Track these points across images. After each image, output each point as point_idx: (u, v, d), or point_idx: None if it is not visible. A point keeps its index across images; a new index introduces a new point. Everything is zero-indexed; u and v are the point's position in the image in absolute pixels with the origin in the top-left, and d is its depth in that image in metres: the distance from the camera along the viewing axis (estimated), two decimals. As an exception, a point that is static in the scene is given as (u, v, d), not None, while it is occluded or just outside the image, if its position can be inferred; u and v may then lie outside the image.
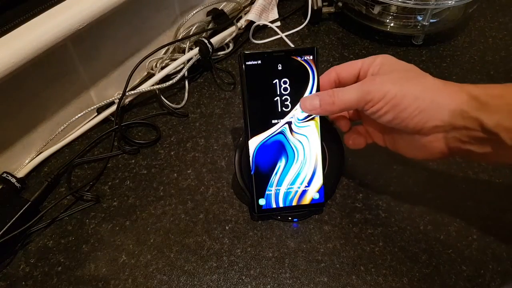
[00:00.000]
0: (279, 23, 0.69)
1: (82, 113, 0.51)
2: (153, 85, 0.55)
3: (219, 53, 0.63)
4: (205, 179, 0.47)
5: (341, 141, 0.43)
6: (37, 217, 0.43)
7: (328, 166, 0.42)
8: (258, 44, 0.65)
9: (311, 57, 0.39)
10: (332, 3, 0.68)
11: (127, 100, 0.55)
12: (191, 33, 0.60)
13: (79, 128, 0.52)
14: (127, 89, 0.52)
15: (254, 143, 0.39)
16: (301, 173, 0.40)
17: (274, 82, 0.39)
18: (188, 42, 0.60)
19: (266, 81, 0.39)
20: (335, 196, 0.45)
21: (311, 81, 0.39)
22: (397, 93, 0.33)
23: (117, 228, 0.43)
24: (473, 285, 0.38)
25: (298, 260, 0.40)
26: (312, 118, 0.40)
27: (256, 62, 0.38)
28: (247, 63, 0.38)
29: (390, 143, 0.40)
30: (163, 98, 0.55)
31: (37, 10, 0.43)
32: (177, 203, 0.45)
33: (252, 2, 0.66)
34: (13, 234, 0.41)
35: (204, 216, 0.44)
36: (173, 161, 0.49)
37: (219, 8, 0.64)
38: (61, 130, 0.50)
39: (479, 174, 0.46)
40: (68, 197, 0.45)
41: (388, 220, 0.42)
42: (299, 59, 0.39)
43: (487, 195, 0.44)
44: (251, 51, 0.38)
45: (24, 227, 0.42)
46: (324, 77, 0.39)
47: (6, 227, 0.41)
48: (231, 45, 0.64)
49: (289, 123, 0.39)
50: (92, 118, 0.53)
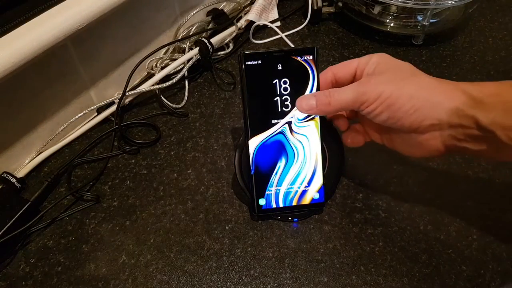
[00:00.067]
0: (279, 23, 0.69)
1: (82, 113, 0.51)
2: (153, 85, 0.55)
3: (219, 53, 0.63)
4: (205, 179, 0.47)
5: (341, 141, 0.43)
6: (37, 217, 0.43)
7: (328, 166, 0.42)
8: (258, 44, 0.65)
9: (311, 57, 0.39)
10: (332, 3, 0.68)
11: (127, 100, 0.55)
12: (191, 33, 0.60)
13: (79, 128, 0.52)
14: (127, 89, 0.52)
15: (254, 143, 0.39)
16: (301, 173, 0.40)
17: (274, 82, 0.39)
18: (188, 42, 0.60)
19: (266, 81, 0.39)
20: (335, 196, 0.45)
21: (311, 81, 0.39)
22: (392, 93, 0.33)
23: (117, 228, 0.43)
24: (473, 285, 0.38)
25: (298, 260, 0.40)
26: (312, 118, 0.40)
27: (256, 62, 0.38)
28: (247, 63, 0.38)
29: (388, 141, 0.40)
30: (163, 98, 0.55)
31: (37, 10, 0.43)
32: (177, 203, 0.45)
33: (252, 2, 0.66)
34: (13, 234, 0.41)
35: (204, 216, 0.44)
36: (173, 161, 0.49)
37: (219, 8, 0.64)
38: (61, 130, 0.50)
39: (479, 174, 0.46)
40: (68, 197, 0.46)
41: (388, 220, 0.42)
42: (299, 59, 0.39)
43: (487, 195, 0.44)
44: (251, 51, 0.38)
45: (24, 227, 0.42)
46: (321, 77, 0.39)
47: (6, 227, 0.41)
48: (231, 45, 0.64)
49: (289, 123, 0.39)
50: (92, 118, 0.53)
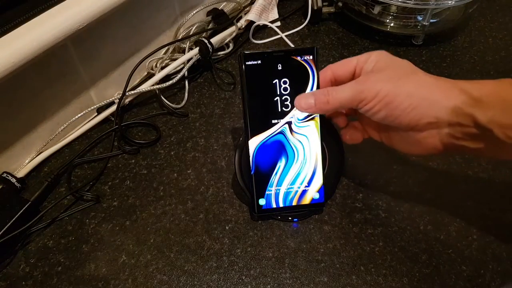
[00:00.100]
0: (279, 23, 0.69)
1: (82, 113, 0.51)
2: (153, 85, 0.55)
3: (219, 53, 0.63)
4: (205, 179, 0.47)
5: (341, 141, 0.43)
6: (37, 217, 0.43)
7: (328, 166, 0.42)
8: (258, 44, 0.65)
9: (311, 57, 0.39)
10: (332, 3, 0.68)
11: (127, 100, 0.55)
12: (191, 33, 0.60)
13: (79, 128, 0.52)
14: (127, 89, 0.52)
15: (254, 143, 0.39)
16: (301, 173, 0.40)
17: (274, 82, 0.39)
18: (188, 42, 0.60)
19: (266, 81, 0.39)
20: (335, 196, 0.45)
21: (311, 81, 0.39)
22: (390, 91, 0.33)
23: (117, 228, 0.43)
24: (473, 285, 0.37)
25: (298, 260, 0.40)
26: (312, 118, 0.40)
27: (256, 62, 0.38)
28: (247, 63, 0.38)
29: (386, 139, 0.40)
30: (163, 98, 0.55)
31: (37, 10, 0.43)
32: (177, 203, 0.45)
33: (252, 2, 0.66)
34: (13, 234, 0.41)
35: (204, 216, 0.44)
36: (173, 161, 0.49)
37: (219, 8, 0.64)
38: (61, 130, 0.50)
39: (479, 174, 0.46)
40: (68, 197, 0.46)
41: (388, 220, 0.42)
42: (299, 59, 0.39)
43: (487, 195, 0.44)
44: (251, 51, 0.38)
45: (24, 227, 0.42)
46: (320, 76, 0.39)
47: (6, 227, 0.41)
48: (231, 45, 0.64)
49: (289, 123, 0.39)
50: (92, 118, 0.53)
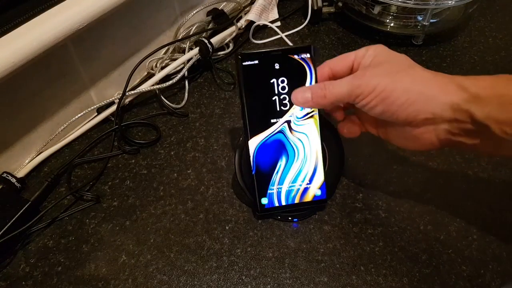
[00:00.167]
0: (279, 23, 0.69)
1: (82, 113, 0.51)
2: (153, 85, 0.55)
3: (219, 53, 0.63)
4: (205, 179, 0.47)
5: (341, 141, 0.43)
6: (37, 217, 0.43)
7: (328, 166, 0.42)
8: (258, 44, 0.65)
9: (308, 55, 0.39)
10: (332, 3, 0.68)
11: (127, 100, 0.55)
12: (191, 33, 0.60)
13: (79, 128, 0.52)
14: (127, 89, 0.52)
15: (254, 143, 0.39)
16: (302, 171, 0.40)
17: (272, 82, 0.39)
18: (188, 42, 0.60)
19: (264, 81, 0.39)
20: (335, 196, 0.44)
21: (309, 79, 0.39)
22: (387, 86, 0.33)
23: (117, 228, 0.43)
24: (473, 285, 0.37)
25: (298, 260, 0.40)
26: (311, 116, 0.40)
27: (253, 62, 0.38)
28: (244, 64, 0.38)
29: (382, 134, 0.39)
30: (163, 98, 0.55)
31: (37, 10, 0.43)
32: (177, 203, 0.45)
33: (252, 2, 0.66)
34: (13, 234, 0.41)
35: (204, 216, 0.44)
36: (173, 161, 0.49)
37: (219, 8, 0.64)
38: (61, 130, 0.50)
39: (479, 174, 0.46)
40: (68, 197, 0.46)
41: (388, 220, 0.42)
42: (296, 58, 0.39)
43: (487, 195, 0.44)
44: (248, 51, 0.38)
45: (24, 227, 0.42)
46: (318, 72, 0.39)
47: (6, 227, 0.41)
48: (231, 45, 0.64)
49: (288, 122, 0.39)
50: (92, 118, 0.53)
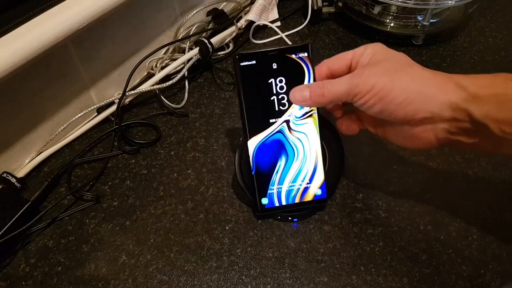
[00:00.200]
0: (279, 23, 0.69)
1: (82, 113, 0.51)
2: (153, 85, 0.55)
3: (219, 53, 0.63)
4: (205, 179, 0.47)
5: (341, 141, 0.43)
6: (37, 217, 0.43)
7: (329, 166, 0.42)
8: (258, 44, 0.65)
9: (306, 54, 0.39)
10: (332, 3, 0.68)
11: (127, 100, 0.55)
12: (191, 33, 0.60)
13: (79, 128, 0.52)
14: (127, 89, 0.52)
15: (253, 144, 0.39)
16: (302, 170, 0.40)
17: (270, 82, 0.39)
18: (188, 42, 0.60)
19: (262, 81, 0.38)
20: (335, 196, 0.44)
21: (307, 78, 0.39)
22: (385, 85, 0.33)
23: (117, 228, 0.43)
24: (473, 285, 0.37)
25: (298, 260, 0.40)
26: (310, 115, 0.39)
27: (251, 63, 0.38)
28: (242, 64, 0.38)
29: (381, 132, 0.39)
30: (163, 98, 0.55)
31: (37, 10, 0.43)
32: (177, 203, 0.45)
33: (252, 2, 0.66)
34: (13, 234, 0.41)
35: (204, 216, 0.44)
36: (173, 161, 0.49)
37: (219, 8, 0.64)
38: (61, 130, 0.50)
39: (479, 174, 0.46)
40: (68, 197, 0.46)
41: (388, 220, 0.42)
42: (294, 57, 0.38)
43: (487, 195, 0.44)
44: (245, 52, 0.38)
45: (24, 227, 0.42)
46: (316, 72, 0.39)
47: (6, 227, 0.41)
48: (231, 45, 0.64)
49: (287, 122, 0.39)
50: (92, 118, 0.53)
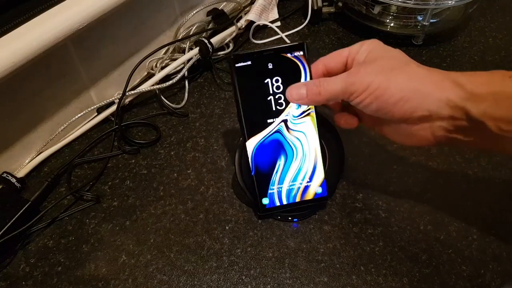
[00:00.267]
0: (279, 23, 0.69)
1: (82, 113, 0.51)
2: (153, 85, 0.55)
3: (219, 53, 0.63)
4: (205, 179, 0.47)
5: (341, 140, 0.43)
6: (37, 217, 0.43)
7: (329, 166, 0.42)
8: (258, 44, 0.65)
9: (302, 53, 0.38)
10: (332, 3, 0.68)
11: (127, 100, 0.55)
12: (191, 33, 0.60)
13: (79, 128, 0.52)
14: (127, 89, 0.52)
15: (252, 144, 0.39)
16: (302, 169, 0.40)
17: (266, 82, 0.38)
18: (188, 42, 0.60)
19: (258, 81, 0.38)
20: (335, 196, 0.44)
21: (303, 77, 0.38)
22: (381, 84, 0.33)
23: (117, 228, 0.43)
24: (473, 285, 0.37)
25: (298, 260, 0.40)
26: (308, 114, 0.39)
27: (246, 63, 0.38)
28: (237, 65, 0.38)
29: (378, 129, 0.39)
30: (163, 98, 0.55)
31: (37, 10, 0.43)
32: (177, 203, 0.45)
33: (252, 2, 0.66)
34: (13, 234, 0.41)
35: (204, 216, 0.44)
36: (173, 161, 0.49)
37: (219, 8, 0.64)
38: (61, 130, 0.50)
39: (479, 174, 0.46)
40: (68, 197, 0.46)
41: (388, 220, 0.42)
42: (290, 56, 0.38)
43: (487, 195, 0.44)
44: (240, 52, 0.38)
45: (24, 227, 0.42)
46: (312, 70, 0.39)
47: (6, 227, 0.41)
48: (231, 45, 0.64)
49: (285, 121, 0.39)
50: (92, 118, 0.53)
